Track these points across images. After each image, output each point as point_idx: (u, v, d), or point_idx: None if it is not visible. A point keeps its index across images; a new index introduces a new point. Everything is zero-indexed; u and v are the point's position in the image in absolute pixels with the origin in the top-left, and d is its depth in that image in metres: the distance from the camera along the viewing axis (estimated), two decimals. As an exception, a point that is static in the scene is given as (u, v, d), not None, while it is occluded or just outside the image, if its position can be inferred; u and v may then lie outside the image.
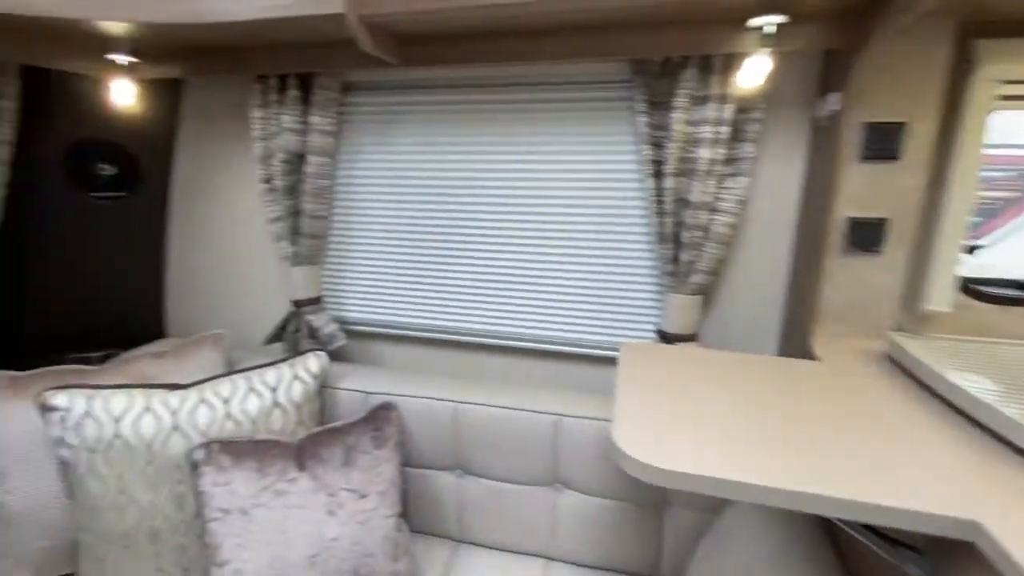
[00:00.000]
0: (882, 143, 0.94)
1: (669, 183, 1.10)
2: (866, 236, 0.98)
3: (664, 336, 1.19)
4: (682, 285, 1.14)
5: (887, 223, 0.97)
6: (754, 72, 0.96)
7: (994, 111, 0.90)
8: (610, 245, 1.28)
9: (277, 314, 1.53)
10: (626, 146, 1.22)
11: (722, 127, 1.05)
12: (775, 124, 1.13)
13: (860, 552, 0.81)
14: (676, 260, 1.15)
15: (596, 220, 1.28)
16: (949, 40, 0.90)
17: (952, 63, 0.91)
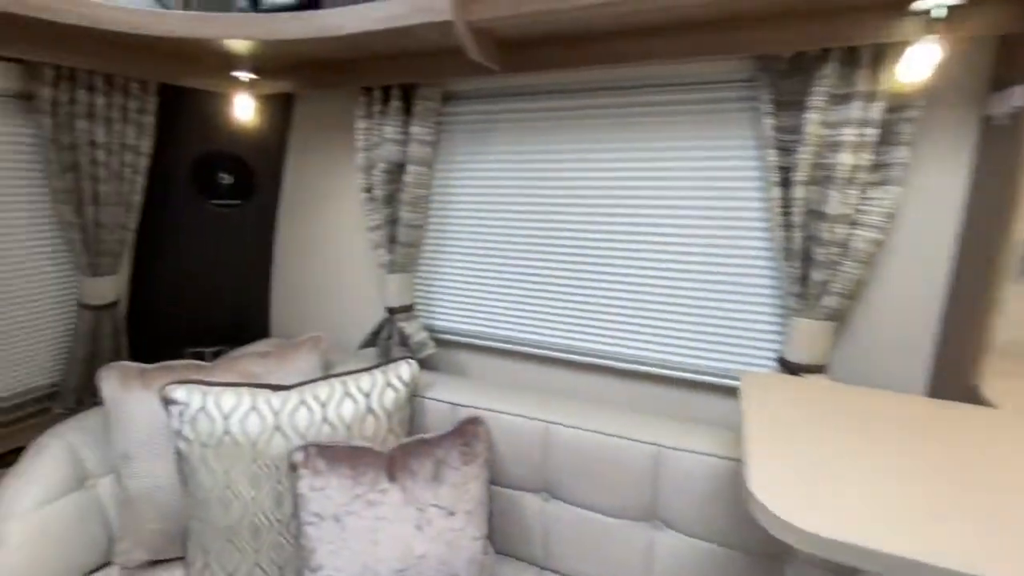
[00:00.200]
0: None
1: (799, 192, 0.98)
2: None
3: (787, 365, 1.05)
4: (811, 308, 1.00)
5: None
6: (917, 64, 0.81)
7: None
8: (723, 260, 1.16)
9: (372, 319, 1.56)
10: (745, 151, 1.11)
11: (868, 129, 0.91)
12: (934, 125, 0.96)
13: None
14: (805, 280, 1.01)
15: (708, 232, 1.17)
16: None
17: None
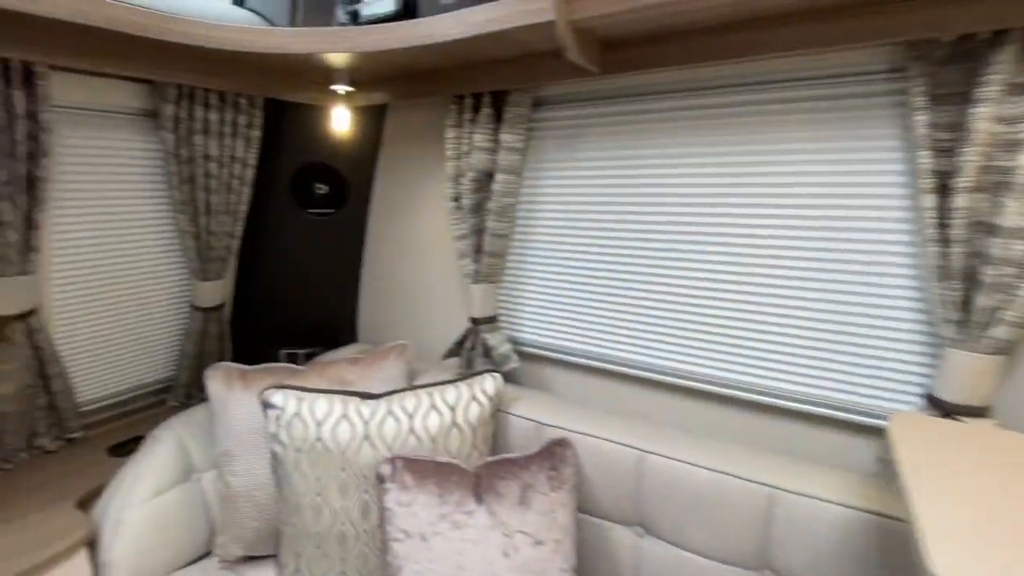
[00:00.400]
0: None
1: (960, 201, 0.82)
2: None
3: (938, 404, 0.89)
4: (974, 339, 0.84)
5: None
6: None
7: None
8: (853, 278, 1.01)
9: (455, 329, 1.54)
10: (883, 154, 0.96)
11: (1060, 124, 0.75)
12: None
13: None
14: (967, 305, 0.85)
15: (833, 246, 1.02)
16: None
17: None
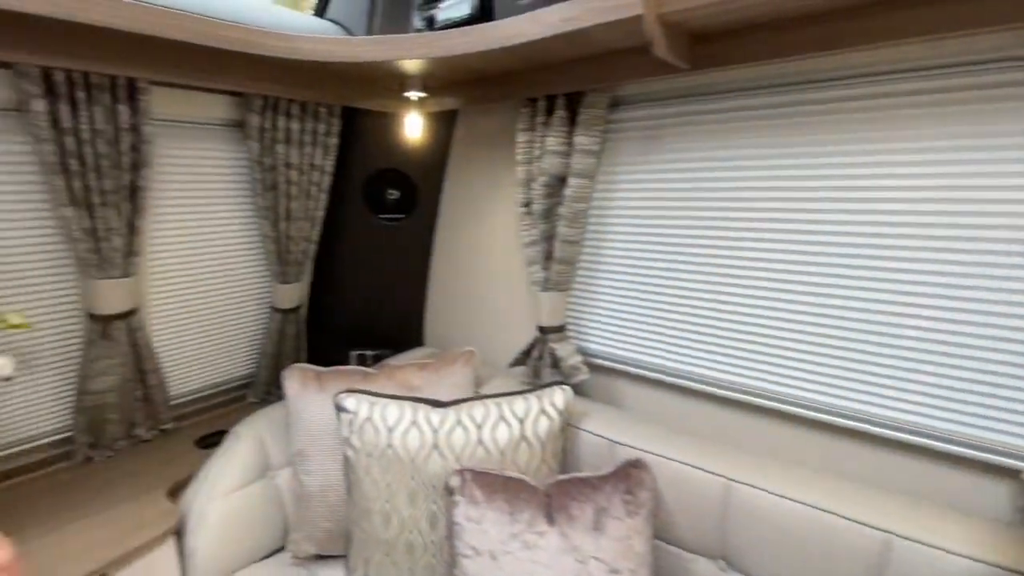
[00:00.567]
0: None
1: None
2: None
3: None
4: None
5: None
6: None
7: None
8: (986, 296, 0.87)
9: (522, 337, 1.51)
10: (1013, 151, 0.82)
11: None
12: None
13: None
14: None
15: (955, 257, 0.89)
16: None
17: None
